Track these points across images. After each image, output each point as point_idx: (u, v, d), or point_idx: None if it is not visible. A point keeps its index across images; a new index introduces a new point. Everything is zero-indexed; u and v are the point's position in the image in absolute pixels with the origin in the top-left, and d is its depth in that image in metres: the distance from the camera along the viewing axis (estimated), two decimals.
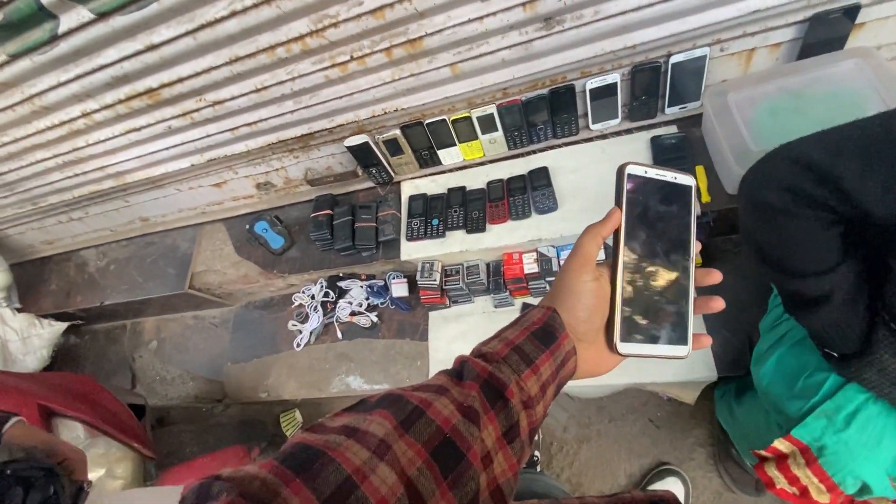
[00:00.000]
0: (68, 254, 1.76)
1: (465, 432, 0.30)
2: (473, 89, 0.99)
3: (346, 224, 1.26)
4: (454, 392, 0.33)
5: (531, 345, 0.37)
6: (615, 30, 0.86)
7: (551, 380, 0.37)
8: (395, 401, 0.31)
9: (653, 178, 0.41)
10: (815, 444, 0.70)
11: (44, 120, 1.10)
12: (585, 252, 0.40)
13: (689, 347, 0.41)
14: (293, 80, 0.97)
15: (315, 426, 0.30)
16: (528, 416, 0.35)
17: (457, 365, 0.37)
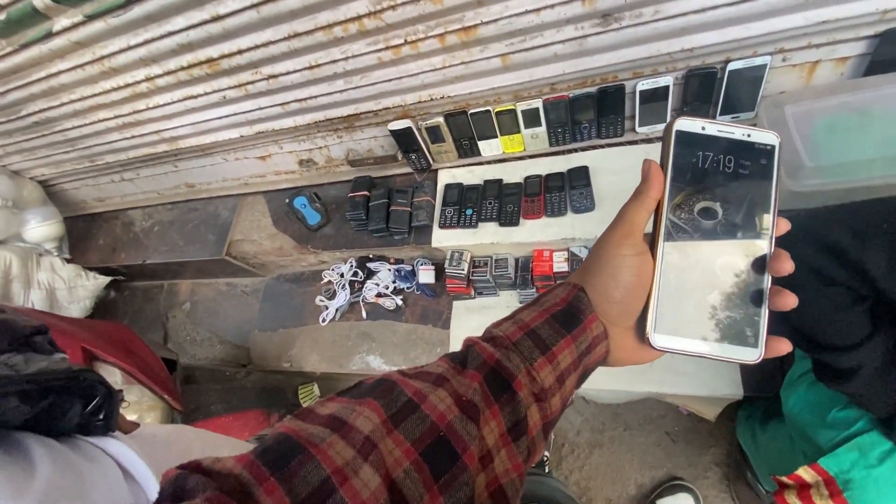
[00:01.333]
0: (116, 212, 1.86)
1: (462, 430, 0.27)
2: (522, 82, 0.99)
3: (381, 206, 1.29)
4: (454, 382, 0.30)
5: (549, 329, 0.33)
6: (674, 31, 0.84)
7: (572, 369, 0.33)
8: (387, 390, 0.28)
9: (714, 137, 0.33)
10: (841, 476, 0.68)
11: (110, 81, 1.16)
12: (630, 220, 0.33)
13: (760, 351, 0.33)
14: (346, 59, 0.99)
15: (305, 412, 0.27)
16: (541, 410, 0.31)
17: (463, 348, 0.34)
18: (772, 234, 0.33)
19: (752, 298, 0.33)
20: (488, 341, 0.33)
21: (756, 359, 0.33)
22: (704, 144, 0.33)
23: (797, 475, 0.73)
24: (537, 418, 0.31)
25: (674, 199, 0.34)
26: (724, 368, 1.04)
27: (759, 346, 0.33)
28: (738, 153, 0.33)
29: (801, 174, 0.84)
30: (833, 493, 0.69)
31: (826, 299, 0.63)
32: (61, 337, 1.07)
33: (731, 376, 1.03)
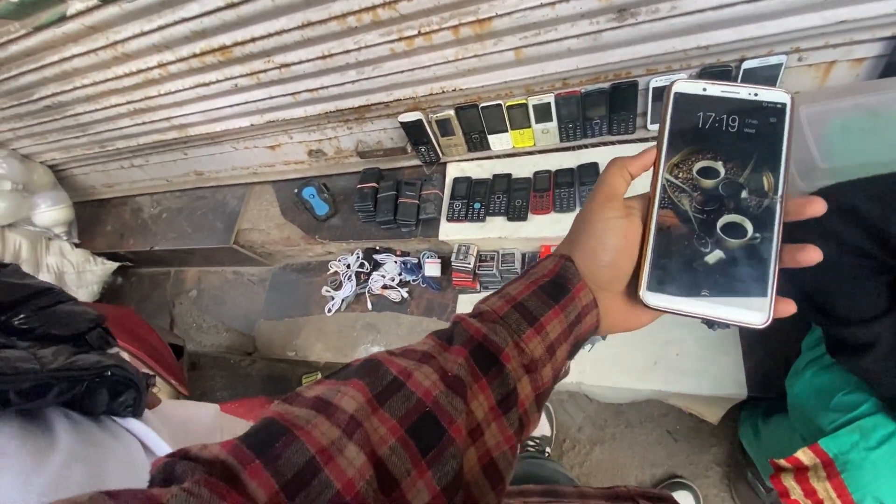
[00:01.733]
0: (125, 198, 1.87)
1: (448, 405, 0.27)
2: (534, 76, 0.99)
3: (389, 198, 1.29)
4: (440, 359, 0.30)
5: (537, 300, 0.32)
6: (690, 28, 0.84)
7: (562, 339, 0.32)
8: (373, 369, 0.28)
9: (717, 97, 0.32)
10: (840, 457, 0.68)
11: (122, 66, 1.17)
12: (610, 184, 0.34)
13: (767, 314, 0.30)
14: (359, 50, 0.99)
15: (292, 396, 0.27)
16: (532, 382, 0.31)
17: (451, 325, 0.33)
18: (782, 194, 0.31)
19: (759, 257, 0.31)
20: (475, 317, 0.33)
21: (763, 322, 0.31)
22: (707, 106, 0.32)
23: (795, 458, 0.72)
24: (529, 390, 0.31)
25: (671, 159, 0.33)
26: (729, 368, 1.04)
27: (767, 310, 0.31)
28: (744, 113, 0.32)
29: (813, 175, 0.83)
30: (831, 475, 0.69)
31: (847, 267, 0.62)
32: None
33: (735, 376, 1.03)
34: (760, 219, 0.31)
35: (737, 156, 0.32)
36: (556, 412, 1.45)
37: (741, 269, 0.31)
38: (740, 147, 0.32)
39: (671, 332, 1.11)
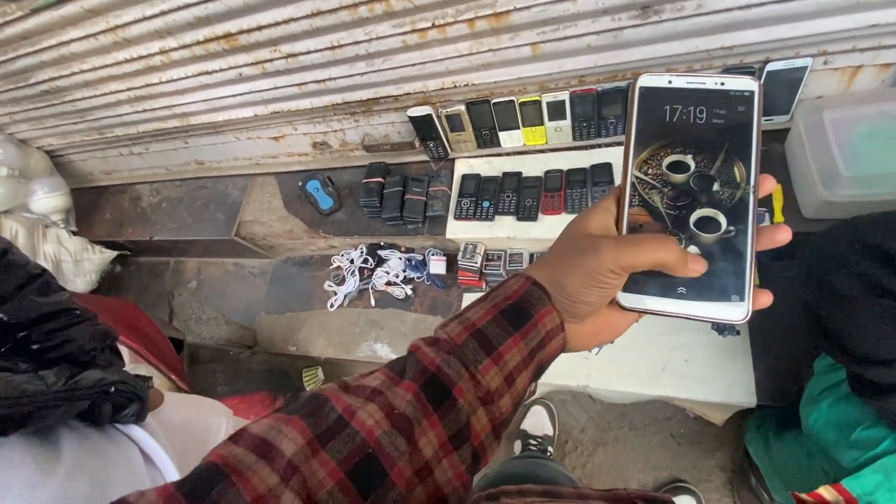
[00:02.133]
0: (124, 186, 1.83)
1: (390, 446, 0.27)
2: (550, 73, 0.96)
3: (396, 194, 1.26)
4: (388, 394, 0.29)
5: (496, 327, 0.31)
6: (716, 27, 0.81)
7: (522, 367, 0.31)
8: (318, 407, 0.28)
9: (683, 89, 0.31)
10: (864, 497, 0.66)
11: (123, 52, 1.13)
12: (636, 260, 0.30)
13: (747, 308, 0.30)
14: (370, 41, 0.95)
15: (238, 433, 0.27)
16: (489, 413, 0.31)
17: (406, 355, 0.32)
18: (755, 185, 0.30)
19: (735, 251, 0.30)
20: (431, 345, 0.32)
21: (743, 317, 0.30)
22: (673, 98, 0.31)
23: (818, 494, 0.71)
24: (485, 422, 0.30)
25: (640, 155, 0.32)
26: (739, 376, 1.02)
27: (746, 304, 0.30)
28: (711, 103, 0.31)
29: (836, 183, 0.81)
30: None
31: (872, 307, 0.60)
32: None
33: (745, 384, 1.02)
34: (734, 211, 0.30)
35: (706, 148, 0.31)
36: (559, 412, 1.44)
37: (717, 264, 0.30)
38: (709, 139, 0.31)
39: (679, 338, 1.10)
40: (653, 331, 1.12)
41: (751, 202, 0.30)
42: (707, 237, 0.31)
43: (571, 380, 1.14)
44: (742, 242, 0.30)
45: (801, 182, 0.92)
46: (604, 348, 1.15)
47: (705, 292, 0.31)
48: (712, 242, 0.31)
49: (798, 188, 0.93)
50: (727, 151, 0.31)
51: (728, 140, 0.31)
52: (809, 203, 0.89)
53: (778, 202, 0.94)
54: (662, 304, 0.31)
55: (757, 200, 0.30)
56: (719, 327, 1.07)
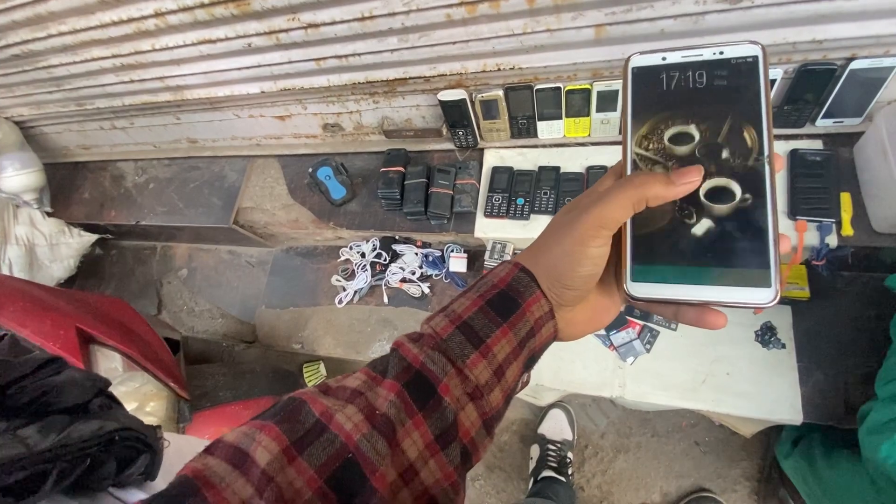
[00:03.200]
0: (105, 163, 1.66)
1: (369, 450, 0.25)
2: (610, 59, 0.86)
3: (419, 186, 1.15)
4: (369, 395, 0.28)
5: (484, 318, 0.30)
6: (811, 17, 0.72)
7: (512, 357, 0.30)
8: (294, 411, 0.27)
9: (679, 63, 0.30)
10: None
11: (109, 13, 0.97)
12: (610, 211, 0.28)
13: (775, 289, 0.27)
14: (408, 13, 0.83)
15: (215, 443, 0.26)
16: (478, 409, 0.29)
17: (389, 353, 0.31)
18: (769, 154, 0.28)
19: (755, 226, 0.27)
20: (415, 341, 0.30)
21: (771, 300, 0.27)
22: (669, 73, 0.30)
23: None
24: (475, 417, 0.29)
25: (639, 131, 0.30)
26: (784, 392, 0.97)
27: (773, 284, 0.27)
28: (711, 72, 0.29)
29: None
30: None
31: None
32: (53, 316, 0.93)
33: (790, 401, 0.97)
34: (748, 180, 0.28)
35: (710, 116, 0.29)
36: (578, 416, 1.39)
37: (736, 241, 0.28)
38: (712, 106, 0.29)
39: (721, 350, 1.04)
40: (693, 341, 1.06)
41: (767, 172, 0.28)
42: (721, 208, 0.28)
43: (605, 391, 1.08)
44: (762, 216, 0.27)
45: (877, 193, 0.85)
46: (639, 358, 1.09)
47: (724, 275, 0.27)
48: (728, 214, 0.28)
49: (871, 199, 0.87)
50: (734, 118, 0.28)
51: (734, 106, 0.29)
52: (885, 217, 0.83)
53: (847, 213, 0.87)
54: (675, 291, 0.28)
55: (774, 170, 0.28)
56: (764, 340, 1.02)
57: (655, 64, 0.30)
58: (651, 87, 0.30)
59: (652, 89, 0.30)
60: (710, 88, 0.29)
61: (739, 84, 0.29)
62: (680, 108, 0.30)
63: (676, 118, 0.30)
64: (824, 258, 0.88)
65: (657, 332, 1.09)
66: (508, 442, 1.45)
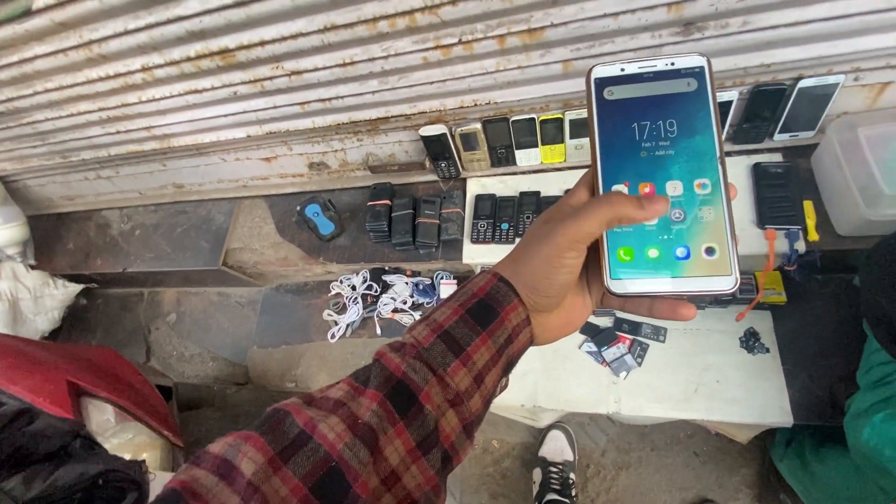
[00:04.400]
0: (89, 212, 1.66)
1: (352, 458, 0.26)
2: (578, 90, 0.91)
3: (406, 217, 1.18)
4: (351, 405, 0.29)
5: (464, 327, 0.31)
6: (757, 44, 0.78)
7: (491, 364, 0.31)
8: (278, 422, 0.27)
9: (636, 74, 0.32)
10: None
11: (97, 69, 1.00)
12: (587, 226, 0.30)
13: (734, 277, 0.30)
14: (386, 58, 0.88)
15: (202, 454, 0.27)
16: (458, 414, 0.30)
17: (371, 363, 0.32)
18: (720, 154, 0.31)
19: (713, 221, 0.31)
20: (397, 351, 0.31)
21: (732, 286, 0.30)
22: (628, 85, 0.32)
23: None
24: (455, 422, 0.30)
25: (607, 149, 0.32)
26: (773, 395, 1.00)
27: (733, 272, 0.30)
28: (666, 84, 0.32)
29: (879, 202, 0.80)
30: None
31: None
32: (44, 370, 0.91)
33: (779, 404, 1.00)
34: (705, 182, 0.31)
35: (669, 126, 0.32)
36: (578, 436, 1.40)
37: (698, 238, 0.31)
38: (670, 117, 0.32)
39: (708, 359, 1.07)
40: (682, 351, 1.09)
41: (720, 171, 0.31)
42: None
43: (601, 407, 1.09)
44: (718, 212, 0.31)
45: (836, 199, 0.91)
46: (632, 372, 1.11)
47: (690, 267, 0.31)
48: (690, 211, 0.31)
49: (832, 205, 0.92)
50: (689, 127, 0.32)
51: (688, 116, 0.32)
52: (847, 221, 0.88)
53: (811, 219, 0.93)
54: (649, 284, 0.31)
55: (725, 169, 0.31)
56: (749, 345, 1.05)
57: (614, 75, 0.33)
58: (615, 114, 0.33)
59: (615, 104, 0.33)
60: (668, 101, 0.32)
61: (691, 93, 0.32)
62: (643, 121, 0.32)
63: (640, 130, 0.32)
64: (795, 263, 0.93)
65: (647, 346, 1.11)
66: (510, 468, 1.44)
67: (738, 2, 0.71)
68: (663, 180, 0.31)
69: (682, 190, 0.31)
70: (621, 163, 0.32)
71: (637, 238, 0.32)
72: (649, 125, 0.32)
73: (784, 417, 0.99)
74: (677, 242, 0.31)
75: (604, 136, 0.32)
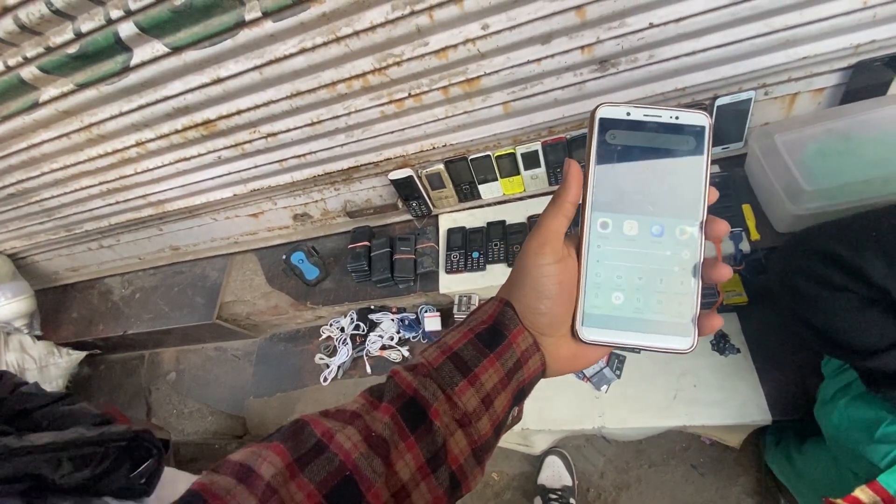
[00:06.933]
0: (92, 281, 1.75)
1: (367, 468, 0.27)
2: (522, 127, 1.02)
3: (384, 256, 1.26)
4: (367, 418, 0.30)
5: (472, 349, 0.32)
6: (667, 73, 0.89)
7: (500, 388, 0.31)
8: (297, 431, 0.29)
9: (640, 121, 0.32)
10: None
11: (97, 148, 1.12)
12: (547, 227, 0.33)
13: (693, 339, 0.32)
14: (349, 114, 0.99)
15: (221, 462, 0.27)
16: (467, 436, 0.30)
17: (385, 380, 0.33)
18: (703, 219, 0.32)
19: (683, 285, 0.32)
20: (410, 370, 0.32)
21: (689, 347, 0.32)
22: (630, 129, 0.32)
23: (853, 497, 0.71)
24: (464, 444, 0.30)
25: (598, 189, 0.33)
26: (749, 394, 1.03)
27: (692, 335, 0.32)
28: (666, 136, 0.32)
29: (801, 198, 0.87)
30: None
31: (838, 303, 0.68)
32: None
33: (756, 402, 1.02)
34: (684, 245, 0.32)
35: (662, 181, 0.32)
36: (575, 459, 1.39)
37: (668, 298, 0.32)
38: (664, 172, 0.32)
39: (683, 364, 1.10)
40: (657, 359, 1.12)
41: (698, 237, 0.32)
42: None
43: (586, 423, 1.12)
44: (689, 283, 0.32)
45: (767, 200, 0.98)
46: (612, 384, 1.14)
47: (655, 325, 0.32)
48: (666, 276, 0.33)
49: (766, 206, 1.00)
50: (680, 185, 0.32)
51: (681, 173, 0.32)
52: (780, 218, 0.95)
53: (751, 220, 1.00)
54: (618, 336, 0.32)
55: (703, 234, 0.32)
56: (720, 347, 1.09)
57: (619, 118, 0.32)
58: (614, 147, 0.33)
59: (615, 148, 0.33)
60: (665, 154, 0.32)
61: (689, 150, 0.32)
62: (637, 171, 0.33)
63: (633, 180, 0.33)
64: (742, 263, 0.99)
65: (623, 357, 1.15)
66: (511, 500, 1.43)
67: (639, 40, 0.82)
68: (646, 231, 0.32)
69: (661, 249, 0.32)
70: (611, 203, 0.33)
71: (612, 293, 0.33)
72: (643, 177, 0.32)
73: (762, 415, 1.01)
74: (649, 300, 0.32)
75: (599, 177, 0.32)
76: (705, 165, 0.32)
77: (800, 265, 0.73)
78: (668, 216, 0.32)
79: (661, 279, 0.32)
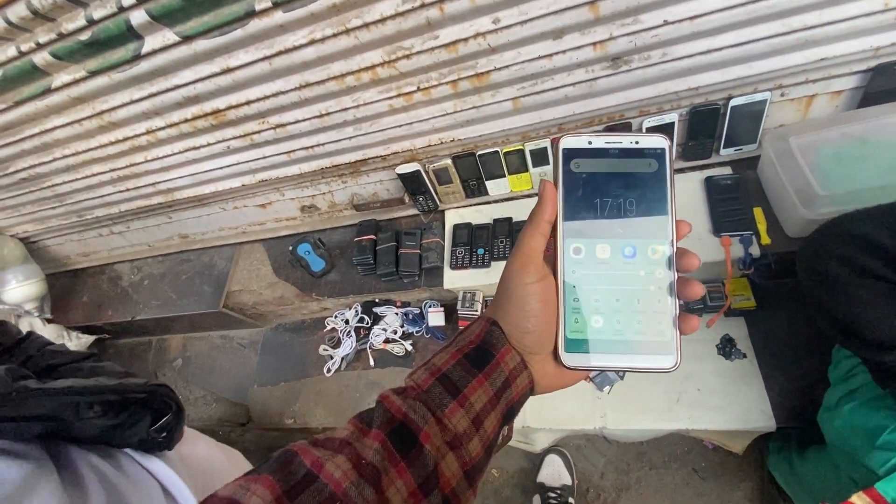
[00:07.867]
0: (102, 267, 1.78)
1: (357, 497, 0.27)
2: (531, 123, 1.01)
3: (389, 250, 1.26)
4: (357, 446, 0.29)
5: (461, 370, 0.32)
6: (680, 72, 0.87)
7: (489, 408, 0.32)
8: (286, 462, 0.28)
9: (603, 148, 0.33)
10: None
11: (108, 135, 1.13)
12: (527, 245, 0.33)
13: (676, 356, 0.32)
14: (357, 107, 0.99)
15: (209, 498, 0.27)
16: (459, 458, 0.30)
17: (375, 405, 0.33)
18: (672, 237, 0.33)
19: (661, 303, 0.33)
20: (399, 394, 0.32)
21: (673, 366, 0.32)
22: (594, 157, 0.34)
23: (851, 502, 0.70)
24: (455, 467, 0.30)
25: (568, 216, 0.34)
26: (754, 400, 1.02)
27: (675, 352, 0.32)
28: (628, 160, 0.33)
29: (815, 203, 0.86)
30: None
31: (868, 291, 0.65)
32: None
33: (761, 408, 1.01)
34: (658, 264, 0.33)
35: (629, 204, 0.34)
36: (575, 459, 1.39)
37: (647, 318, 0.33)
38: (630, 195, 0.33)
39: (687, 367, 1.09)
40: None
41: (670, 254, 0.33)
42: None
43: (587, 423, 1.11)
44: (665, 302, 0.32)
45: (780, 204, 0.97)
46: (615, 386, 1.13)
47: (637, 346, 0.33)
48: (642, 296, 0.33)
49: (778, 210, 0.98)
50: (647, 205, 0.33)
51: (647, 195, 0.33)
52: (792, 223, 0.93)
53: (762, 224, 0.98)
54: (600, 359, 0.33)
55: (675, 252, 0.33)
56: (726, 352, 1.08)
57: (581, 147, 0.34)
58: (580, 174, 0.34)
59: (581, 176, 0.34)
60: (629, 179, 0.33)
61: (651, 173, 0.33)
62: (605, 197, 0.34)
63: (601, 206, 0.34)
64: (752, 267, 0.97)
65: None
66: (510, 497, 1.43)
67: (653, 37, 0.81)
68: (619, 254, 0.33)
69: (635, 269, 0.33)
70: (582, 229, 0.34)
71: (591, 317, 0.33)
72: (611, 202, 0.33)
73: (767, 422, 1.00)
74: (628, 321, 0.33)
75: (567, 206, 0.33)
76: (669, 185, 0.33)
77: (834, 249, 0.70)
78: (639, 237, 0.33)
79: (639, 299, 0.33)
